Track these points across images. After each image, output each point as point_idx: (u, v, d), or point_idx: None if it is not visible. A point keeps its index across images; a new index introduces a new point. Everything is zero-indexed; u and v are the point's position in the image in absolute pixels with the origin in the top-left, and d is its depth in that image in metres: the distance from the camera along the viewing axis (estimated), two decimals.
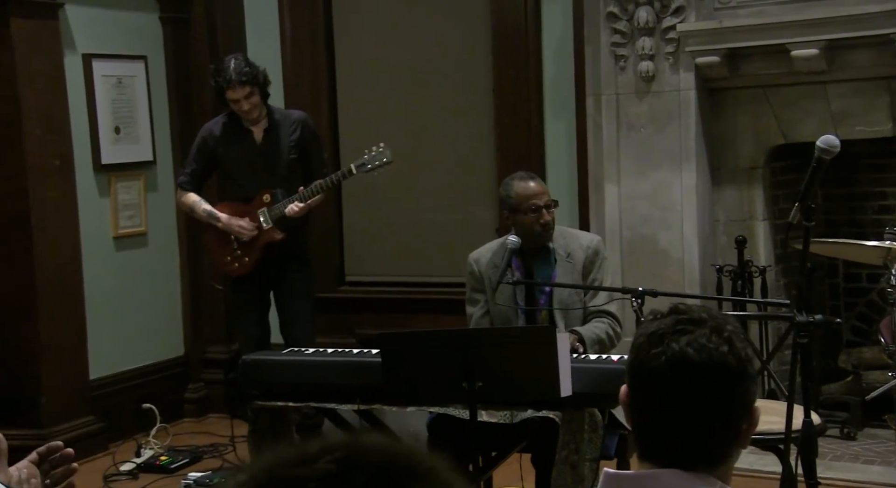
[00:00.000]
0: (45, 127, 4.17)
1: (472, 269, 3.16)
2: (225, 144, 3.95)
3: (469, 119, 4.67)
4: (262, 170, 3.93)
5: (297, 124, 3.97)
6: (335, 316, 4.63)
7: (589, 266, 3.11)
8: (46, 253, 4.17)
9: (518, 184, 3.09)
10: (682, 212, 4.05)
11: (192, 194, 4.02)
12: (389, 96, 4.78)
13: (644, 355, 1.31)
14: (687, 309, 1.34)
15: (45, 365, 4.16)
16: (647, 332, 1.32)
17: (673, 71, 4.02)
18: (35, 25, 4.12)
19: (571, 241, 3.13)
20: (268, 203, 3.92)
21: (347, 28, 4.86)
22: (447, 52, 4.68)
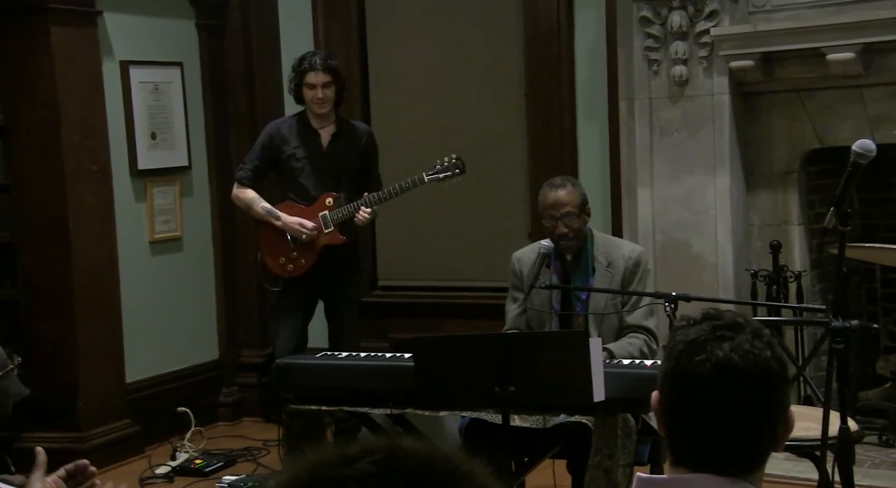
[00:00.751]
0: (83, 133, 4.24)
1: (513, 268, 3.19)
2: (291, 143, 3.96)
3: (502, 124, 4.68)
4: (326, 174, 3.93)
5: (364, 135, 4.00)
6: (368, 320, 4.65)
7: (629, 277, 3.09)
8: (84, 257, 4.24)
9: (545, 190, 3.11)
10: (716, 217, 4.03)
11: (251, 190, 4.00)
12: (422, 102, 4.81)
13: (686, 362, 1.30)
14: (721, 314, 1.34)
15: (83, 369, 4.22)
16: (686, 339, 1.31)
17: (706, 75, 4.01)
18: (74, 33, 4.20)
19: (614, 251, 3.12)
20: (331, 207, 3.90)
21: (381, 34, 4.89)
22: (480, 57, 4.69)
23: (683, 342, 1.32)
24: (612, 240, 3.25)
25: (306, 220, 3.90)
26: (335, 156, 3.95)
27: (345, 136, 3.97)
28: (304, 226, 3.89)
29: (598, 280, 3.08)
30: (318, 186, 3.94)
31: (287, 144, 3.96)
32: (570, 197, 3.07)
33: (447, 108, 4.76)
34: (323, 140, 3.96)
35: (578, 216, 3.07)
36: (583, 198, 3.11)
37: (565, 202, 3.06)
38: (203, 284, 4.91)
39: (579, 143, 4.51)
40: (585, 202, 3.12)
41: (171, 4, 4.70)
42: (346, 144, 3.96)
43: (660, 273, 4.06)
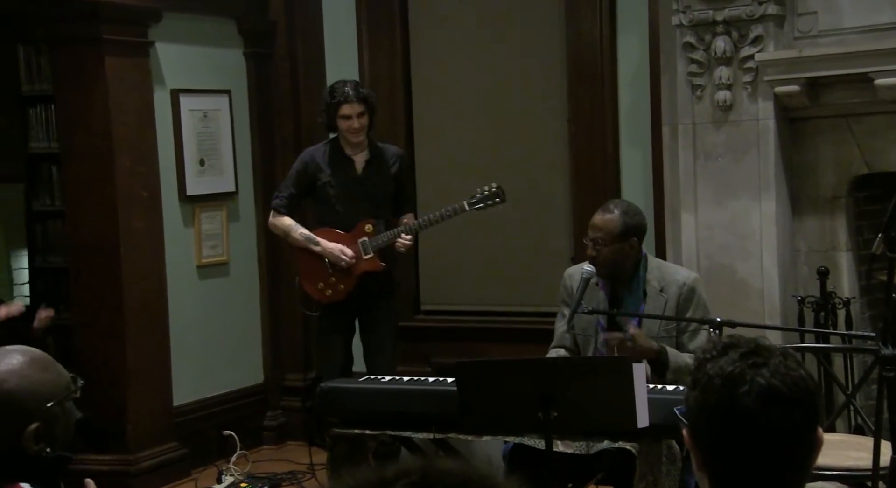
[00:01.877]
0: (135, 159, 4.36)
1: (564, 283, 3.22)
2: (326, 171, 4.04)
3: (544, 148, 4.72)
4: (362, 200, 4.00)
5: (396, 158, 4.07)
6: (411, 344, 4.69)
7: (684, 304, 3.08)
8: (134, 282, 4.34)
9: (595, 213, 3.13)
10: (762, 242, 4.01)
11: (288, 218, 4.11)
12: (466, 127, 4.86)
13: (729, 396, 1.28)
14: (740, 340, 1.34)
15: (132, 391, 4.31)
16: (721, 373, 1.30)
17: (751, 100, 4.00)
18: (127, 63, 4.33)
19: (668, 276, 3.11)
20: (370, 233, 3.98)
21: (425, 61, 4.96)
22: (523, 82, 4.74)
23: (719, 376, 1.30)
24: (667, 266, 3.24)
25: (346, 247, 3.95)
26: (370, 181, 4.02)
27: (378, 161, 4.04)
28: (345, 252, 3.95)
29: (649, 305, 3.07)
30: (354, 212, 4.01)
31: (322, 172, 4.05)
32: (607, 223, 3.05)
33: (490, 133, 4.80)
34: (357, 166, 4.04)
35: (610, 244, 3.03)
36: (624, 228, 3.06)
37: (599, 227, 3.06)
38: (248, 308, 4.98)
39: (622, 168, 4.52)
40: (628, 232, 3.06)
41: (220, 34, 4.82)
42: (379, 169, 4.03)
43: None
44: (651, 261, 3.16)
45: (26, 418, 1.60)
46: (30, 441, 1.59)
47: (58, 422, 1.64)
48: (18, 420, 1.59)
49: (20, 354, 1.65)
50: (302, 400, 4.91)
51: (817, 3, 3.90)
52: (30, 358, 1.65)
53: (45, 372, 1.66)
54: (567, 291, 3.18)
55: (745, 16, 3.90)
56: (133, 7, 4.30)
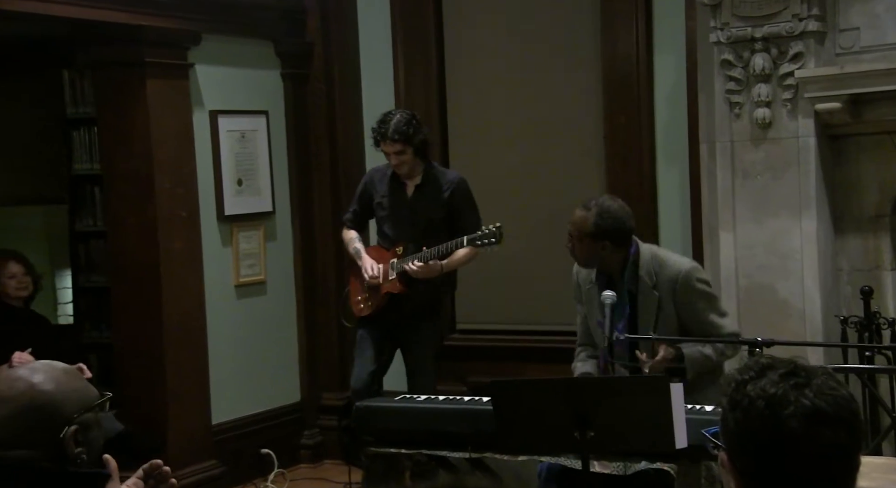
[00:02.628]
0: (175, 180, 4.44)
1: (574, 280, 3.29)
2: (380, 191, 4.15)
3: (580, 166, 4.72)
4: (406, 223, 4.09)
5: (450, 186, 4.08)
6: (446, 363, 4.70)
7: (683, 299, 3.06)
8: (173, 301, 4.41)
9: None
10: (803, 261, 3.97)
11: (352, 231, 4.24)
12: (501, 145, 4.88)
13: (773, 419, 1.26)
14: (776, 361, 1.32)
15: (172, 409, 4.37)
16: (764, 395, 1.28)
17: (791, 117, 3.98)
18: (168, 85, 4.42)
19: (660, 271, 3.08)
20: (399, 255, 4.06)
21: (460, 82, 5.00)
22: (558, 100, 4.76)
23: (762, 398, 1.28)
24: (662, 257, 3.15)
25: (375, 266, 4.05)
26: (417, 206, 4.09)
27: (429, 187, 4.10)
28: (371, 268, 4.06)
29: (641, 300, 3.07)
30: (397, 234, 4.09)
31: (377, 192, 4.16)
32: (579, 220, 3.10)
33: (525, 152, 4.82)
34: (408, 190, 4.12)
35: (581, 241, 3.07)
36: (595, 230, 3.05)
37: (573, 221, 3.12)
38: (285, 327, 5.03)
39: (659, 187, 4.52)
40: (599, 235, 3.05)
41: (259, 55, 4.90)
42: (429, 194, 4.09)
43: (743, 317, 4.01)
44: (644, 254, 3.11)
45: (65, 421, 1.67)
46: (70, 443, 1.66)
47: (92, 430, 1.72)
48: (58, 422, 1.67)
49: (55, 364, 1.77)
50: (338, 418, 4.94)
51: (859, 18, 3.87)
52: (63, 368, 1.77)
53: (79, 380, 1.77)
54: (575, 287, 3.27)
55: (785, 32, 3.89)
56: (173, 30, 4.39)
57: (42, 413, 1.66)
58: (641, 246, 3.14)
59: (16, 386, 1.67)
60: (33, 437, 1.65)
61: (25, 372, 1.70)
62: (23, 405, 1.65)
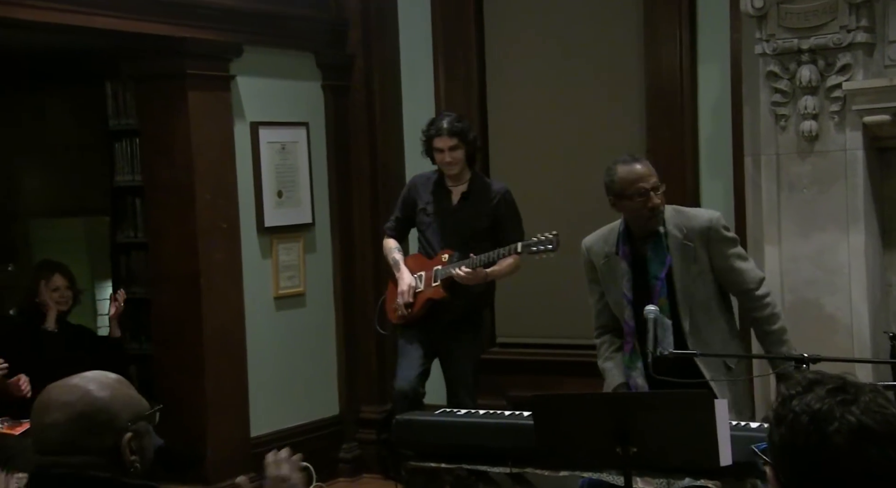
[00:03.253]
0: (216, 192, 4.52)
1: (585, 258, 3.25)
2: (424, 198, 4.17)
3: None
4: (451, 231, 4.09)
5: (497, 196, 4.10)
6: (486, 377, 4.70)
7: (715, 247, 3.07)
8: (214, 313, 4.48)
9: (622, 167, 3.08)
10: (850, 276, 3.95)
11: (392, 240, 4.25)
12: (541, 157, 4.91)
13: (817, 435, 1.27)
14: (825, 376, 1.33)
15: (211, 421, 4.43)
16: (809, 410, 1.29)
17: (838, 130, 3.96)
18: (209, 97, 4.50)
19: (688, 222, 3.10)
20: (444, 262, 4.08)
21: (501, 94, 5.03)
22: (600, 113, 4.77)
23: (807, 413, 1.28)
24: (685, 211, 3.20)
25: (409, 291, 4.06)
26: (462, 214, 4.10)
27: (476, 195, 4.11)
28: (405, 293, 4.07)
29: (674, 256, 3.06)
30: (441, 242, 4.11)
31: (421, 199, 4.17)
32: (650, 169, 3.08)
33: (567, 165, 4.84)
34: (453, 197, 4.13)
35: (660, 187, 3.08)
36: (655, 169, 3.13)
37: (650, 173, 3.07)
38: (324, 339, 5.08)
39: (703, 200, 4.51)
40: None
41: (299, 67, 4.98)
42: (475, 203, 4.10)
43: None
44: (668, 210, 3.13)
45: (121, 428, 1.72)
46: (126, 451, 1.71)
47: (145, 439, 1.76)
48: (114, 428, 1.72)
49: (107, 373, 1.83)
50: (377, 432, 4.97)
51: None
52: (116, 377, 1.83)
53: (132, 390, 1.80)
54: (590, 266, 3.23)
55: (833, 44, 3.88)
56: (215, 42, 4.48)
57: (98, 419, 1.71)
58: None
59: (73, 392, 1.73)
60: (89, 443, 1.69)
61: (80, 380, 1.76)
62: (79, 411, 1.70)
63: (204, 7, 4.43)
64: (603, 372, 3.26)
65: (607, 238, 3.17)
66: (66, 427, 1.69)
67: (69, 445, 1.69)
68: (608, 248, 3.17)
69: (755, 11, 3.97)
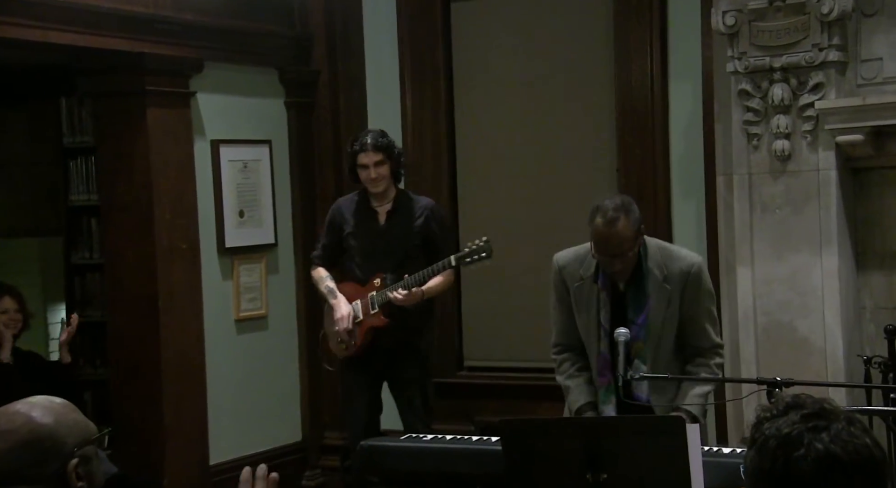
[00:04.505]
0: (175, 211, 4.50)
1: (556, 274, 3.19)
2: (350, 222, 4.14)
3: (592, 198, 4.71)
4: (382, 254, 4.07)
5: (424, 211, 4.10)
6: (453, 401, 4.72)
7: (691, 293, 3.06)
8: (172, 336, 4.45)
9: (599, 224, 2.97)
10: (824, 298, 4.00)
11: (321, 269, 4.20)
12: (511, 176, 4.94)
13: (783, 460, 1.28)
14: (804, 400, 1.34)
15: (169, 448, 4.40)
16: (778, 435, 1.30)
17: (811, 150, 4.02)
18: (169, 114, 4.49)
19: (670, 263, 3.07)
20: (378, 287, 4.05)
21: (469, 112, 5.06)
22: (569, 131, 4.81)
23: (776, 437, 1.30)
24: (669, 249, 3.15)
25: (346, 307, 4.02)
26: (390, 234, 4.08)
27: (402, 213, 4.10)
28: (342, 320, 4.03)
29: (653, 297, 3.06)
30: (374, 266, 4.07)
31: (346, 223, 4.14)
32: (624, 233, 2.94)
33: (536, 184, 4.87)
34: (380, 217, 4.11)
35: (630, 251, 2.98)
36: (636, 227, 2.98)
37: (618, 240, 2.93)
38: (287, 363, 5.06)
39: (674, 220, 4.55)
40: (639, 229, 3.01)
41: (262, 83, 4.98)
42: (402, 221, 4.09)
43: (762, 356, 4.03)
44: (651, 246, 3.09)
45: (66, 454, 1.71)
46: (72, 477, 1.69)
47: (92, 463, 1.75)
48: (59, 455, 1.70)
49: (52, 398, 1.81)
50: (341, 458, 4.94)
51: (882, 48, 3.92)
52: (61, 402, 1.81)
53: (78, 414, 1.81)
54: (562, 284, 3.17)
55: (805, 62, 3.94)
56: (175, 58, 4.48)
57: (42, 446, 1.69)
58: (647, 238, 3.12)
59: (14, 419, 1.70)
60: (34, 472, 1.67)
61: (23, 407, 1.74)
62: (22, 438, 1.68)
63: (163, 21, 4.42)
64: (565, 389, 3.26)
65: (583, 259, 3.14)
66: (9, 456, 1.67)
67: (13, 475, 1.67)
68: (584, 271, 3.14)
69: (727, 29, 4.03)
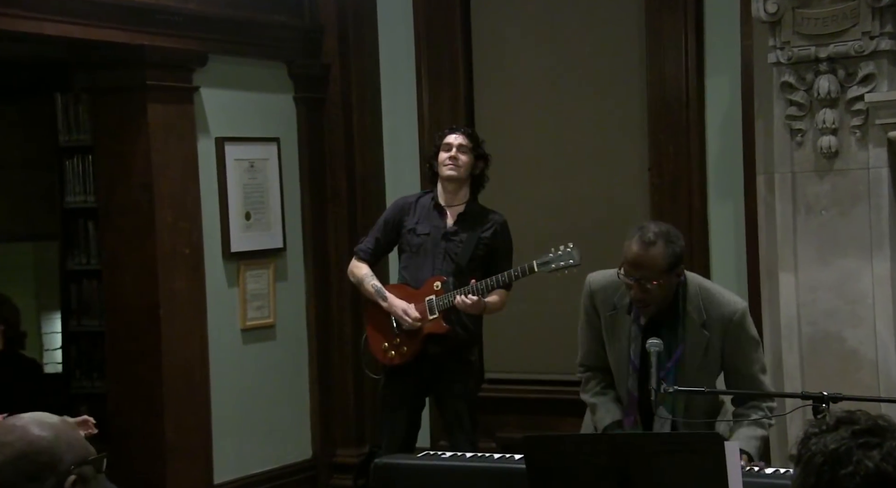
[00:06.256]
0: (178, 214, 4.52)
1: (588, 298, 3.16)
2: (414, 217, 4.08)
3: (622, 202, 4.75)
4: (444, 255, 4.02)
5: (494, 224, 4.06)
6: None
7: (733, 343, 3.01)
8: (174, 347, 4.47)
9: (632, 241, 2.96)
10: (875, 306, 3.97)
11: (365, 266, 4.12)
12: (535, 178, 4.93)
13: (829, 478, 1.28)
14: (856, 416, 1.34)
15: (170, 467, 4.41)
16: (825, 451, 1.30)
17: (860, 146, 3.99)
18: (171, 110, 4.52)
19: (711, 308, 3.03)
20: (437, 291, 3.97)
21: (490, 105, 5.07)
22: (599, 129, 4.81)
23: (822, 453, 1.30)
24: (712, 292, 3.08)
25: (411, 307, 3.97)
26: (458, 237, 4.03)
27: (473, 219, 4.05)
28: (409, 312, 3.97)
29: (688, 340, 3.03)
30: (432, 267, 4.02)
31: (410, 217, 4.08)
32: (656, 260, 2.90)
33: (563, 186, 4.86)
34: (448, 219, 4.06)
35: (662, 282, 2.94)
36: (673, 260, 2.93)
37: (648, 265, 2.90)
38: (297, 376, 5.07)
39: (710, 223, 4.54)
40: (676, 263, 2.96)
41: (269, 78, 5.01)
42: (472, 227, 4.03)
43: (807, 369, 4.01)
44: (692, 285, 3.04)
45: (63, 471, 1.74)
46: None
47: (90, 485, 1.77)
48: (57, 471, 1.74)
49: (50, 415, 1.85)
50: (354, 478, 4.94)
51: None
52: (59, 418, 1.86)
53: (76, 431, 1.85)
54: (593, 309, 3.15)
55: (854, 52, 3.92)
56: (177, 51, 4.50)
57: (39, 460, 1.72)
58: (689, 276, 3.08)
59: (11, 432, 1.74)
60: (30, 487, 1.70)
61: (21, 420, 1.78)
62: (19, 451, 1.72)
63: (164, 12, 4.45)
64: (591, 407, 3.25)
65: (619, 286, 3.08)
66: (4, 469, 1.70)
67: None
68: (618, 301, 3.09)
69: (768, 17, 4.02)
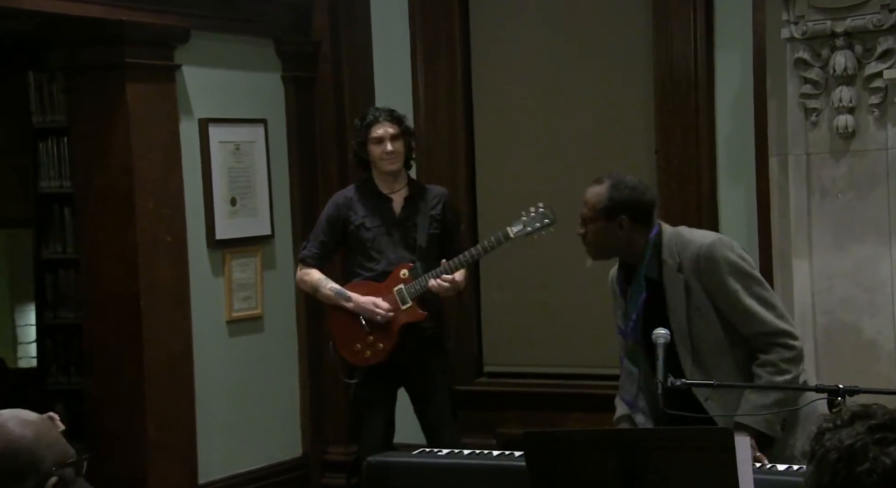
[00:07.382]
0: (159, 200, 4.51)
1: (610, 285, 3.23)
2: (359, 213, 4.11)
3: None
4: (401, 244, 4.07)
5: (439, 198, 4.13)
6: (472, 412, 4.71)
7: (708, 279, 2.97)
8: (156, 339, 4.46)
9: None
10: (894, 295, 3.98)
11: (316, 271, 4.17)
12: (535, 161, 4.92)
13: (844, 475, 1.29)
14: (872, 410, 1.33)
15: (153, 466, 4.41)
16: (839, 447, 1.30)
17: (879, 126, 4.00)
18: (151, 90, 4.50)
19: (682, 249, 3.03)
20: (405, 279, 4.02)
21: (489, 84, 5.05)
22: (602, 110, 4.80)
23: (837, 450, 1.30)
24: (684, 234, 3.09)
25: (380, 299, 4.01)
26: (410, 222, 4.08)
27: (419, 200, 4.10)
28: (379, 305, 4.00)
29: (669, 288, 3.02)
30: (393, 257, 4.06)
31: (355, 213, 4.12)
32: (594, 197, 3.04)
33: (564, 169, 4.85)
34: (395, 206, 4.11)
35: (594, 222, 3.03)
36: (609, 203, 3.01)
37: (586, 200, 3.06)
38: (286, 370, 5.07)
39: (721, 208, 4.53)
40: (615, 210, 3.00)
41: (256, 56, 4.99)
42: (420, 209, 4.09)
43: (822, 361, 4.01)
44: (667, 234, 3.06)
45: (44, 473, 1.74)
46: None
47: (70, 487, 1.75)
48: (38, 472, 1.73)
49: (27, 412, 1.84)
50: (346, 476, 4.95)
51: None
52: (37, 417, 1.84)
53: (57, 431, 1.84)
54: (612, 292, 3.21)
55: (872, 26, 3.92)
56: (158, 26, 4.48)
57: (18, 461, 1.71)
58: (664, 227, 3.10)
59: None
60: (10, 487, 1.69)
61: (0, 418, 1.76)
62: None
63: None
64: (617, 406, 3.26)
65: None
66: None
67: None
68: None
69: None
